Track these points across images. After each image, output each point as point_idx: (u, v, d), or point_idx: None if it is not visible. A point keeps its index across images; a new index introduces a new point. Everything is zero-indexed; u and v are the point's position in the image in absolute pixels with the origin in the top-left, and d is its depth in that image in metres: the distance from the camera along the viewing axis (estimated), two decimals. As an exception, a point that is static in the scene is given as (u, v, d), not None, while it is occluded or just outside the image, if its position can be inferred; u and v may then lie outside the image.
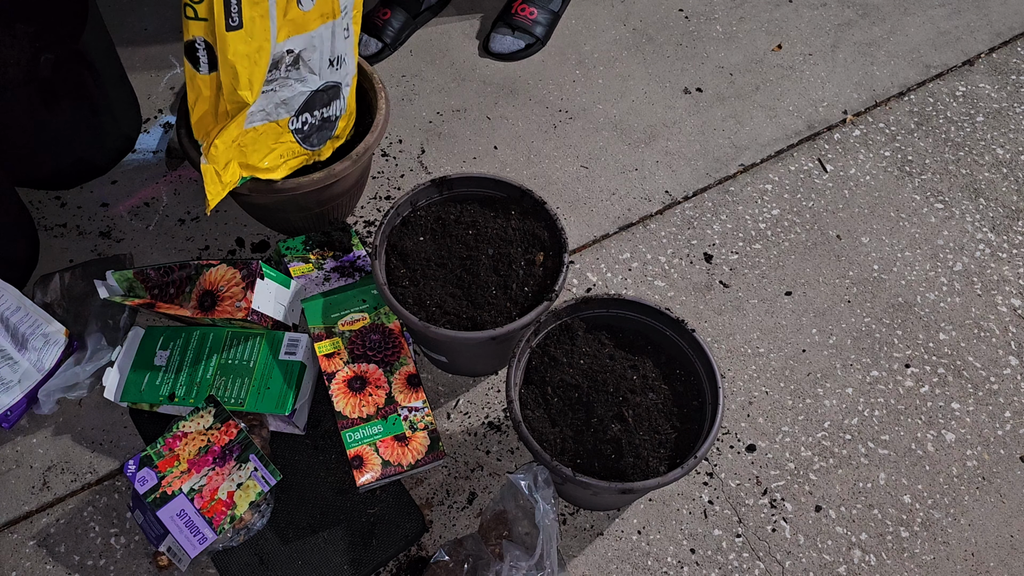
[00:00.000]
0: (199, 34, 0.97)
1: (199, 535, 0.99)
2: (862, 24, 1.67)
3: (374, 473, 1.05)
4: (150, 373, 1.13)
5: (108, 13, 1.54)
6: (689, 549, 1.08)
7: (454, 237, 1.12)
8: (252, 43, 0.98)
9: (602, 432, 0.97)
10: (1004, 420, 1.19)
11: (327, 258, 1.24)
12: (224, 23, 0.94)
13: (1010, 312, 1.29)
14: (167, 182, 1.40)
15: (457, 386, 1.20)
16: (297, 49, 1.04)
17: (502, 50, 1.59)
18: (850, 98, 1.55)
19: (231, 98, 1.01)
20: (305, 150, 1.14)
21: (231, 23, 0.95)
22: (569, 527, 1.09)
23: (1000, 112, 1.53)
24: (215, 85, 1.01)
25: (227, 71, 0.98)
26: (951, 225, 1.38)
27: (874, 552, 1.08)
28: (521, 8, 1.61)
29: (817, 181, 1.43)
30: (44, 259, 1.30)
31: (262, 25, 0.98)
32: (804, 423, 1.18)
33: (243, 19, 0.95)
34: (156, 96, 1.52)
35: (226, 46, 0.96)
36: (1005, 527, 1.10)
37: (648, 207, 1.39)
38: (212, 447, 1.04)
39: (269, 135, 1.09)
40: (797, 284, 1.31)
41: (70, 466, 1.13)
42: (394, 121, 1.50)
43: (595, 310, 1.06)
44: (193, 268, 1.12)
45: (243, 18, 0.95)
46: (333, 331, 1.14)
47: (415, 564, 1.06)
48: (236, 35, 0.96)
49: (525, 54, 1.60)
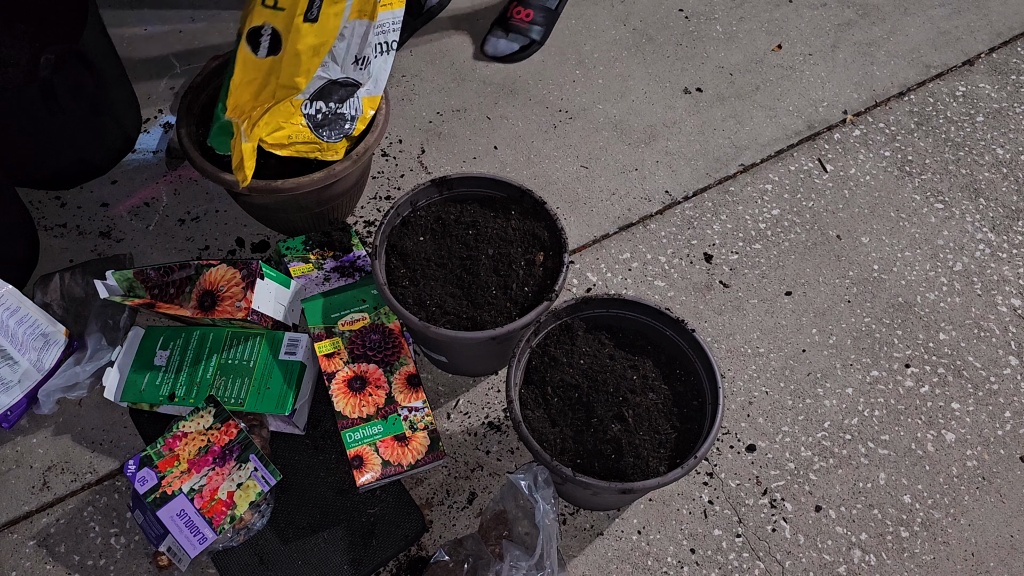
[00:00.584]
0: (269, 21, 1.01)
1: (199, 535, 0.99)
2: (862, 24, 1.67)
3: (374, 473, 1.05)
4: (150, 373, 1.13)
5: (108, 13, 1.55)
6: (689, 549, 1.08)
7: (454, 237, 1.12)
8: (321, 37, 1.03)
9: (602, 432, 0.97)
10: (1004, 420, 1.19)
11: (327, 258, 1.24)
12: (303, 15, 1.00)
13: (1010, 312, 1.29)
14: (167, 182, 1.40)
15: (457, 386, 1.20)
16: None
17: (496, 53, 1.59)
18: (850, 98, 1.55)
19: (287, 83, 1.05)
20: (315, 138, 1.15)
21: (310, 15, 1.01)
22: (569, 527, 1.09)
23: (1000, 112, 1.53)
24: (267, 70, 1.05)
25: (291, 59, 1.03)
26: (951, 225, 1.38)
27: (874, 552, 1.08)
28: (516, 11, 1.60)
29: (817, 181, 1.43)
30: (44, 259, 1.30)
31: (335, 23, 1.03)
32: (804, 423, 1.18)
33: (320, 14, 1.01)
34: (156, 96, 1.52)
35: (299, 37, 1.02)
36: (1005, 527, 1.10)
37: (648, 207, 1.39)
38: (212, 447, 1.04)
39: (280, 112, 1.11)
40: (797, 284, 1.31)
41: (70, 466, 1.13)
42: (394, 121, 1.50)
43: (595, 310, 1.06)
44: (193, 268, 1.13)
45: (320, 13, 1.01)
46: (333, 331, 1.14)
47: (415, 564, 1.06)
48: (310, 27, 1.02)
49: (521, 56, 1.59)
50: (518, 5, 1.61)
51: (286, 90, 1.06)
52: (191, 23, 1.63)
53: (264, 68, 1.05)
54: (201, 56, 1.57)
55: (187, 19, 1.63)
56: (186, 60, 1.57)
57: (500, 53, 1.59)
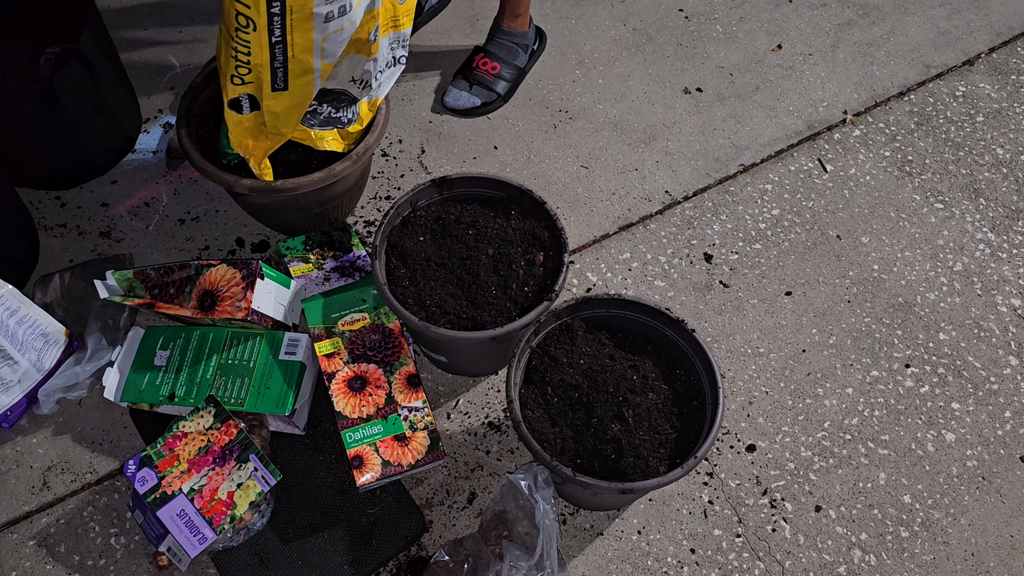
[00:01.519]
0: (243, 92, 1.06)
1: (199, 535, 0.99)
2: (862, 24, 1.67)
3: (374, 473, 1.05)
4: (150, 373, 1.13)
5: (108, 13, 1.55)
6: (689, 549, 1.08)
7: (454, 237, 1.12)
8: (295, 99, 1.07)
9: (602, 432, 0.97)
10: (1004, 420, 1.19)
11: (327, 258, 1.24)
12: (270, 88, 1.04)
13: (1010, 312, 1.29)
14: (167, 182, 1.40)
15: (457, 386, 1.20)
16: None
17: (456, 106, 1.49)
18: (850, 98, 1.55)
19: (274, 131, 1.11)
20: (305, 128, 1.18)
21: (276, 86, 1.04)
22: (569, 527, 1.09)
23: (1000, 112, 1.53)
24: (255, 120, 1.10)
25: (271, 118, 1.08)
26: (951, 225, 1.38)
27: (874, 552, 1.08)
28: (483, 62, 1.50)
29: (817, 181, 1.43)
30: (44, 259, 1.30)
31: (307, 89, 1.07)
32: (804, 423, 1.18)
33: (289, 84, 1.05)
34: (156, 96, 1.52)
35: (273, 103, 1.06)
36: (1005, 527, 1.10)
37: (648, 207, 1.39)
38: (212, 447, 1.04)
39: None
40: (797, 284, 1.31)
41: (70, 466, 1.13)
42: (394, 121, 1.50)
43: (595, 310, 1.06)
44: (193, 268, 1.12)
45: (289, 83, 1.05)
46: (333, 331, 1.14)
47: (415, 564, 1.06)
48: (281, 94, 1.06)
49: (481, 112, 1.50)
50: (484, 56, 1.51)
51: (276, 136, 1.12)
52: (191, 23, 1.63)
53: (251, 119, 1.10)
54: (201, 56, 1.57)
55: (187, 19, 1.63)
56: (186, 60, 1.57)
57: (461, 107, 1.49)
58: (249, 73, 1.03)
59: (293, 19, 0.97)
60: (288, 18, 0.97)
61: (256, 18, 0.97)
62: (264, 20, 0.97)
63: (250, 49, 1.00)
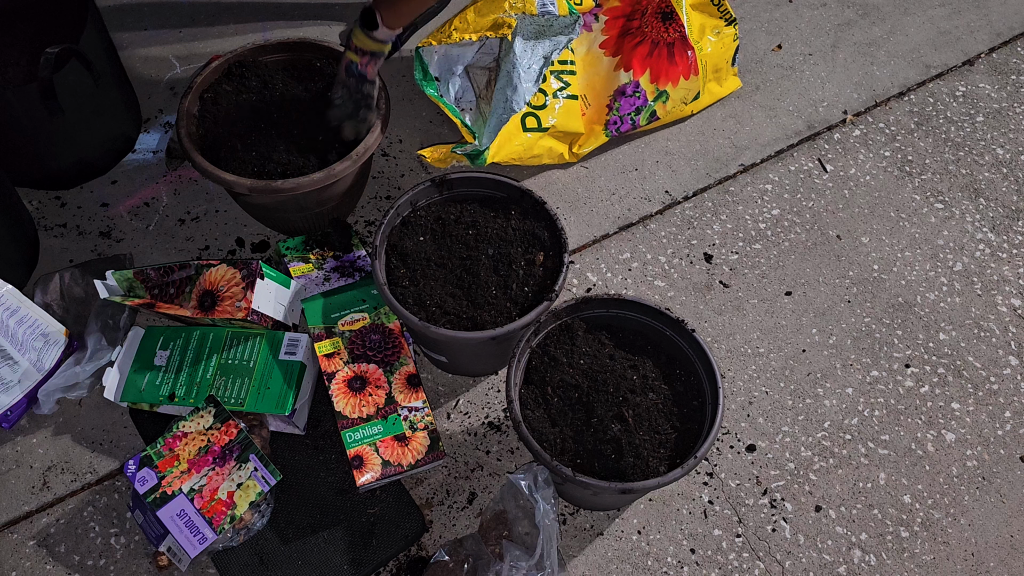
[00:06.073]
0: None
1: (199, 535, 0.99)
2: (862, 24, 1.67)
3: (374, 473, 1.05)
4: (150, 373, 1.13)
5: (108, 13, 1.55)
6: (689, 549, 1.08)
7: (454, 237, 1.12)
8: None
9: (602, 432, 0.97)
10: (1004, 420, 1.19)
11: (327, 258, 1.24)
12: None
13: (1010, 312, 1.29)
14: (167, 182, 1.40)
15: (457, 386, 1.20)
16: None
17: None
18: (850, 98, 1.55)
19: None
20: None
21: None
22: (569, 527, 1.09)
23: (1000, 112, 1.53)
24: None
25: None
26: (951, 225, 1.38)
27: (874, 552, 1.08)
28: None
29: (817, 181, 1.43)
30: (44, 259, 1.30)
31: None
32: (804, 423, 1.18)
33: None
34: (156, 96, 1.52)
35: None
36: (1005, 527, 1.10)
37: (648, 207, 1.39)
38: (212, 447, 1.04)
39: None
40: (797, 284, 1.31)
41: (70, 466, 1.13)
42: (394, 121, 1.50)
43: (595, 310, 1.06)
44: (193, 268, 1.12)
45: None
46: (333, 331, 1.14)
47: (415, 564, 1.06)
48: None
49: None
50: None
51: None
52: (191, 23, 1.63)
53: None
54: (201, 56, 1.57)
55: (187, 19, 1.63)
56: (186, 60, 1.57)
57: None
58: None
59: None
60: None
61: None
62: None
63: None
